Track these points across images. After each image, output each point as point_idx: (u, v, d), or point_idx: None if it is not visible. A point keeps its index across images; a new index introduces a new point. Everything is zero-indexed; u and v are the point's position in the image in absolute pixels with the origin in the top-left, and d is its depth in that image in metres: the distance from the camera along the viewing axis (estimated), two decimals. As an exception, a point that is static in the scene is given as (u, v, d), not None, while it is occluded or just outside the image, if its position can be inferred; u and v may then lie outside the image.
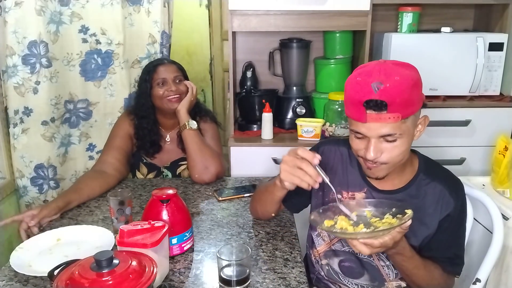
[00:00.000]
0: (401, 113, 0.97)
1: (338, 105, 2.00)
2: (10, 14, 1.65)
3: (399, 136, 1.00)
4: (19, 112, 1.75)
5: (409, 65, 1.03)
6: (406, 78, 0.97)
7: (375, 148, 1.01)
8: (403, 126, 0.99)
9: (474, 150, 2.03)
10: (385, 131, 0.99)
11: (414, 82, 0.98)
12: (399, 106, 0.96)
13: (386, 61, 1.03)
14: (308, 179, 1.02)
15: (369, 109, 0.98)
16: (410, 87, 0.97)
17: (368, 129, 1.00)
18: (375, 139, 1.01)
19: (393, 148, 1.01)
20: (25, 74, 1.72)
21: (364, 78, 0.99)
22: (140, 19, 1.92)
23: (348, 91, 1.03)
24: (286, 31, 2.03)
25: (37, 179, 1.83)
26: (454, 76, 1.97)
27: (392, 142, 1.01)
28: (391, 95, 0.95)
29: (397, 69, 0.99)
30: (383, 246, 0.94)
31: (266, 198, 1.23)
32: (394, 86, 0.96)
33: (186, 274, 1.07)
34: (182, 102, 1.65)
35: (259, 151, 1.96)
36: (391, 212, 1.02)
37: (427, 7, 2.16)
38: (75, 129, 1.95)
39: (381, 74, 0.98)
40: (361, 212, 1.07)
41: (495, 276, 1.46)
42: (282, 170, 1.06)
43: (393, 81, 0.96)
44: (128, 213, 1.25)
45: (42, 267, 1.07)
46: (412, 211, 0.96)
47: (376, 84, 0.96)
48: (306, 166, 1.02)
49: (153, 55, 1.96)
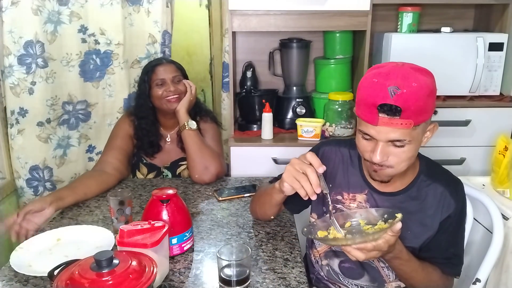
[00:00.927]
0: (414, 120, 0.95)
1: (338, 105, 2.00)
2: (6, 14, 1.64)
3: (408, 142, 0.98)
4: (15, 113, 1.74)
5: (427, 72, 1.01)
6: (423, 85, 0.95)
7: (382, 152, 1.00)
8: (414, 132, 0.98)
9: (474, 150, 2.03)
10: (395, 136, 0.97)
11: (430, 90, 0.97)
12: (413, 113, 0.95)
13: (405, 64, 1.00)
14: (308, 187, 1.01)
15: (382, 113, 0.96)
16: (426, 95, 0.95)
17: (378, 132, 0.99)
18: (384, 142, 0.99)
19: (400, 154, 1.00)
20: (20, 74, 1.71)
21: (380, 81, 0.97)
22: (139, 19, 1.92)
23: (363, 91, 1.01)
24: (286, 31, 2.03)
25: (32, 181, 1.83)
26: (454, 76, 1.97)
27: (400, 147, 0.99)
28: (406, 102, 0.94)
29: (415, 74, 0.97)
30: (377, 249, 0.94)
31: (265, 200, 1.23)
32: (410, 92, 0.94)
33: (186, 274, 1.07)
34: (181, 102, 1.65)
35: (259, 151, 1.95)
36: (383, 218, 1.03)
37: (427, 7, 2.16)
38: (74, 131, 1.94)
39: (399, 78, 0.95)
40: (354, 222, 1.07)
41: (495, 276, 1.46)
42: (286, 170, 1.05)
43: (410, 87, 0.94)
44: (128, 213, 1.25)
45: (42, 267, 1.07)
46: (402, 215, 0.96)
47: (393, 88, 0.94)
48: (310, 172, 1.01)
49: (153, 55, 1.95)
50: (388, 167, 1.02)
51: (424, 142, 1.05)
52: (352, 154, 1.20)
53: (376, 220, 1.04)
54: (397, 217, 0.97)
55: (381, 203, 1.12)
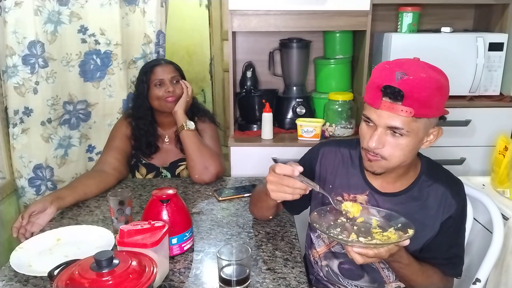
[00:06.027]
0: (415, 109, 0.95)
1: (338, 105, 2.00)
2: (10, 14, 1.64)
3: (406, 133, 0.98)
4: (19, 112, 1.74)
5: (442, 72, 1.01)
6: (432, 79, 0.96)
7: (378, 138, 1.00)
8: (413, 124, 0.98)
9: (474, 150, 2.03)
10: (394, 123, 0.97)
11: (439, 86, 0.97)
12: (415, 102, 0.95)
13: (420, 60, 1.02)
14: (299, 191, 1.03)
15: (385, 96, 0.96)
16: (433, 89, 0.96)
17: (378, 116, 0.99)
18: (382, 129, 1.00)
19: (396, 145, 1.00)
20: (25, 74, 1.72)
21: (391, 66, 0.99)
22: (135, 19, 1.91)
23: (373, 75, 1.03)
24: (286, 31, 2.03)
25: (35, 180, 1.83)
26: (454, 76, 1.93)
27: (398, 137, 0.99)
28: (410, 88, 0.94)
29: (428, 69, 0.98)
30: (378, 257, 0.94)
31: (261, 205, 1.23)
32: (417, 80, 0.95)
33: (186, 274, 1.07)
34: (179, 103, 1.65)
35: (259, 151, 1.96)
36: (396, 226, 1.02)
37: (427, 7, 2.16)
38: (75, 131, 1.94)
39: (411, 67, 0.97)
40: (368, 219, 1.07)
41: (495, 276, 1.46)
42: (270, 191, 1.05)
43: (418, 76, 0.95)
44: (128, 213, 1.24)
45: (42, 267, 1.06)
46: (414, 231, 0.96)
47: (400, 73, 0.95)
48: (291, 183, 1.02)
49: (149, 55, 1.95)
50: (382, 157, 1.02)
51: (425, 145, 1.05)
52: (353, 154, 1.19)
53: (390, 226, 1.03)
54: (408, 233, 0.96)
55: (382, 204, 1.12)
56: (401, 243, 0.94)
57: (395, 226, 1.02)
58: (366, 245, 0.93)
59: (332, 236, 0.98)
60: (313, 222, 1.02)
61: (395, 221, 1.03)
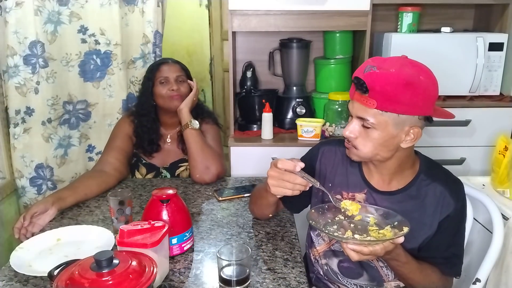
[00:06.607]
0: (378, 102, 0.98)
1: (338, 105, 2.00)
2: (10, 14, 1.64)
3: (372, 125, 1.02)
4: (21, 112, 1.74)
5: (425, 72, 1.01)
6: (402, 75, 0.97)
7: (352, 127, 1.06)
8: (380, 117, 1.00)
9: (474, 150, 2.03)
10: (362, 114, 1.02)
11: (409, 82, 0.97)
12: (378, 95, 0.98)
13: (407, 58, 1.04)
14: (299, 187, 1.05)
15: (357, 88, 1.02)
16: (399, 84, 0.97)
17: (352, 107, 1.06)
18: (356, 119, 1.05)
19: (366, 136, 1.04)
20: (26, 74, 1.72)
21: (373, 60, 1.03)
22: (134, 19, 1.92)
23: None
24: (286, 31, 2.03)
25: (36, 179, 1.83)
26: (454, 76, 1.97)
27: (368, 129, 1.03)
28: (372, 81, 0.98)
29: (403, 66, 0.99)
30: (373, 254, 0.94)
31: (261, 202, 1.23)
32: (383, 75, 0.97)
33: (186, 274, 1.07)
34: (185, 101, 1.65)
35: (259, 151, 1.95)
36: (393, 224, 1.02)
37: (427, 7, 2.16)
38: (75, 131, 1.95)
39: (386, 63, 1.00)
40: (366, 217, 1.07)
41: (495, 276, 1.46)
42: (270, 185, 1.07)
43: (386, 71, 0.98)
44: (128, 213, 1.25)
45: (42, 267, 1.07)
46: (409, 229, 0.96)
47: (370, 66, 1.00)
48: (292, 178, 1.04)
49: (147, 55, 1.96)
50: (353, 146, 1.07)
51: (405, 144, 1.04)
52: None
53: (387, 224, 1.03)
54: (403, 230, 0.97)
55: (380, 202, 1.12)
56: (396, 240, 0.94)
57: (391, 224, 1.03)
58: (360, 241, 0.94)
59: (328, 233, 0.99)
60: (310, 220, 1.03)
61: (392, 219, 1.04)
